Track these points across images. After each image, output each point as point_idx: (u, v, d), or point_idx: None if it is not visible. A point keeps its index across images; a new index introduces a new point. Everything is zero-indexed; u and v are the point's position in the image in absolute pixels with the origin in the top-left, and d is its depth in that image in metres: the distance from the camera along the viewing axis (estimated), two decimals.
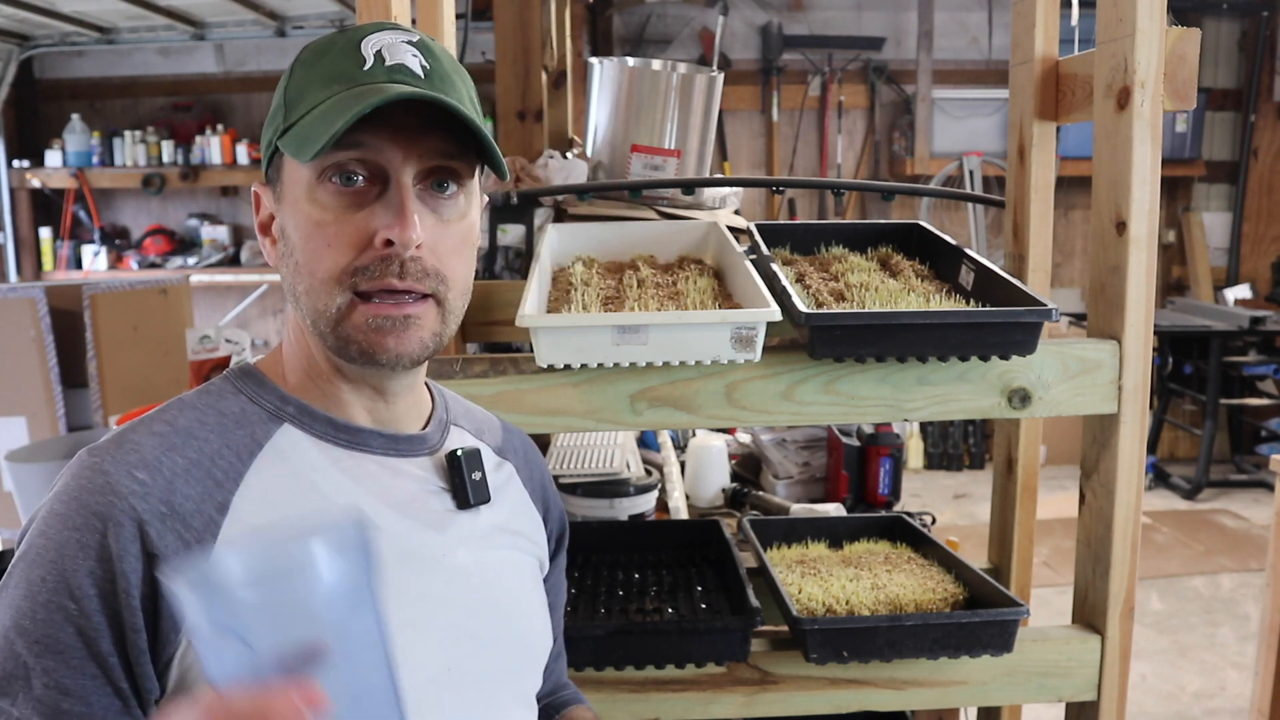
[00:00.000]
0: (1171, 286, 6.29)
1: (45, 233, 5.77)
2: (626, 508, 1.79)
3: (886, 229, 1.54)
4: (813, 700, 1.29)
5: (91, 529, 0.69)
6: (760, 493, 2.08)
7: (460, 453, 0.86)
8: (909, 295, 1.26)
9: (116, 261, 5.72)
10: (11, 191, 5.68)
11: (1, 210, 5.67)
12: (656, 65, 2.00)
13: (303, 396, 0.82)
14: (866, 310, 1.19)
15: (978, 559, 1.54)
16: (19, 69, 5.33)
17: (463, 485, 0.85)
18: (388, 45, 0.77)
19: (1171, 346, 5.45)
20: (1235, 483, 5.58)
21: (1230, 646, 3.61)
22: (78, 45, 5.31)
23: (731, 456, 2.29)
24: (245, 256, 5.73)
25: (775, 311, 1.13)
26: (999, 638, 1.21)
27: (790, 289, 1.21)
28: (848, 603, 1.26)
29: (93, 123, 5.68)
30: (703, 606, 1.39)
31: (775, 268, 1.29)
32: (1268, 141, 6.19)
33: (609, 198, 1.95)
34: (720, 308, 1.22)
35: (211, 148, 5.52)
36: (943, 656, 1.23)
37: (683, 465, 2.20)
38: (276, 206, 0.80)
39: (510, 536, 0.91)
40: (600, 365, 1.16)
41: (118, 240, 5.83)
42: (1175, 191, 6.19)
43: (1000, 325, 1.16)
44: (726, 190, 2.05)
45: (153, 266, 5.67)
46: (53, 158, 5.59)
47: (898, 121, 6.07)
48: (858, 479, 2.06)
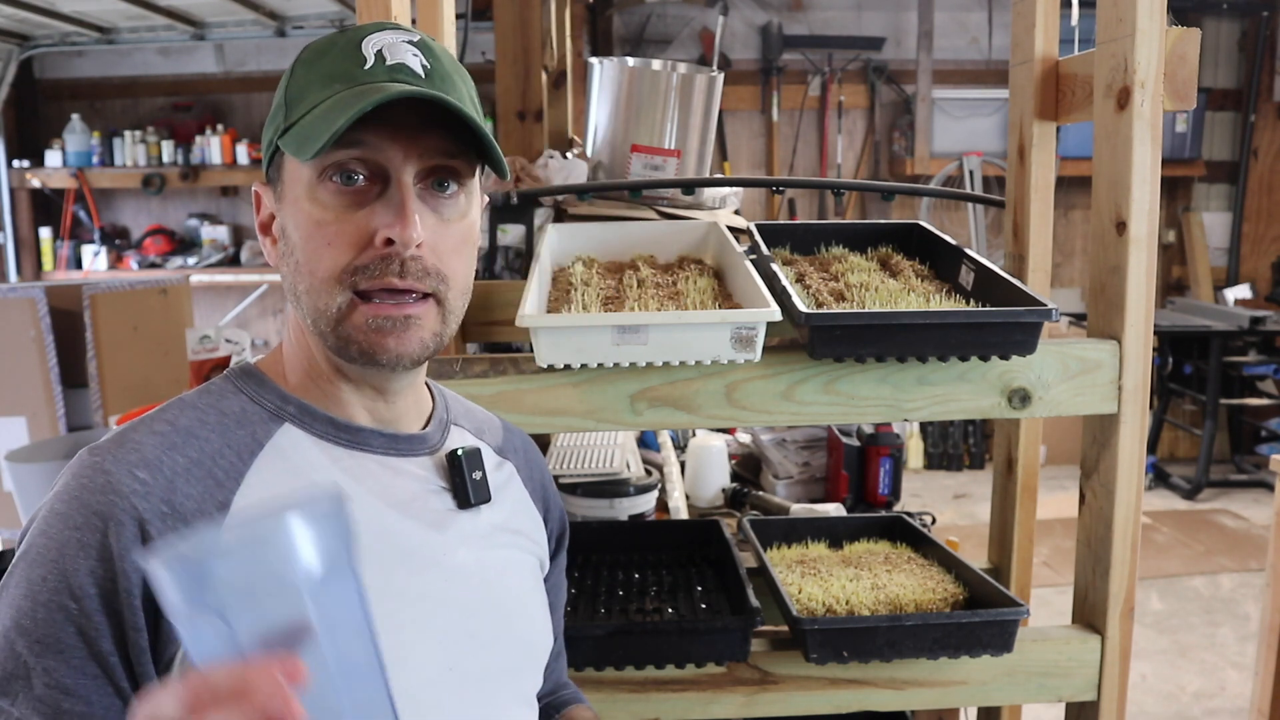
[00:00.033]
0: (1171, 286, 6.29)
1: (45, 233, 5.77)
2: (626, 508, 1.79)
3: (886, 229, 1.54)
4: (813, 700, 1.29)
5: (93, 528, 0.69)
6: (760, 493, 2.08)
7: (461, 452, 0.86)
8: (909, 295, 1.26)
9: (116, 261, 5.72)
10: (11, 191, 5.68)
11: (1, 210, 5.67)
12: (656, 65, 2.00)
13: (303, 396, 0.82)
14: (866, 310, 1.19)
15: (978, 559, 1.54)
16: (19, 69, 5.33)
17: (463, 485, 0.85)
18: (388, 45, 0.77)
19: (1171, 346, 5.45)
20: (1235, 483, 5.58)
21: (1230, 646, 3.61)
22: (78, 45, 5.31)
23: (731, 456, 2.29)
24: (245, 256, 5.73)
25: (775, 311, 1.13)
26: (999, 638, 1.21)
27: (790, 289, 1.21)
28: (848, 603, 1.26)
29: (93, 123, 5.68)
30: (703, 606, 1.39)
31: (775, 268, 1.29)
32: (1268, 141, 6.19)
33: (609, 198, 1.95)
34: (720, 308, 1.22)
35: (211, 148, 5.52)
36: (943, 656, 1.23)
37: (683, 465, 2.19)
38: (277, 206, 0.80)
39: (511, 536, 0.91)
40: (600, 365, 1.16)
41: (118, 240, 5.83)
42: (1175, 191, 6.19)
43: (1000, 325, 1.16)
44: (726, 190, 2.05)
45: (153, 266, 5.67)
46: (53, 158, 5.60)
47: (898, 121, 6.07)
48: (858, 479, 2.07)
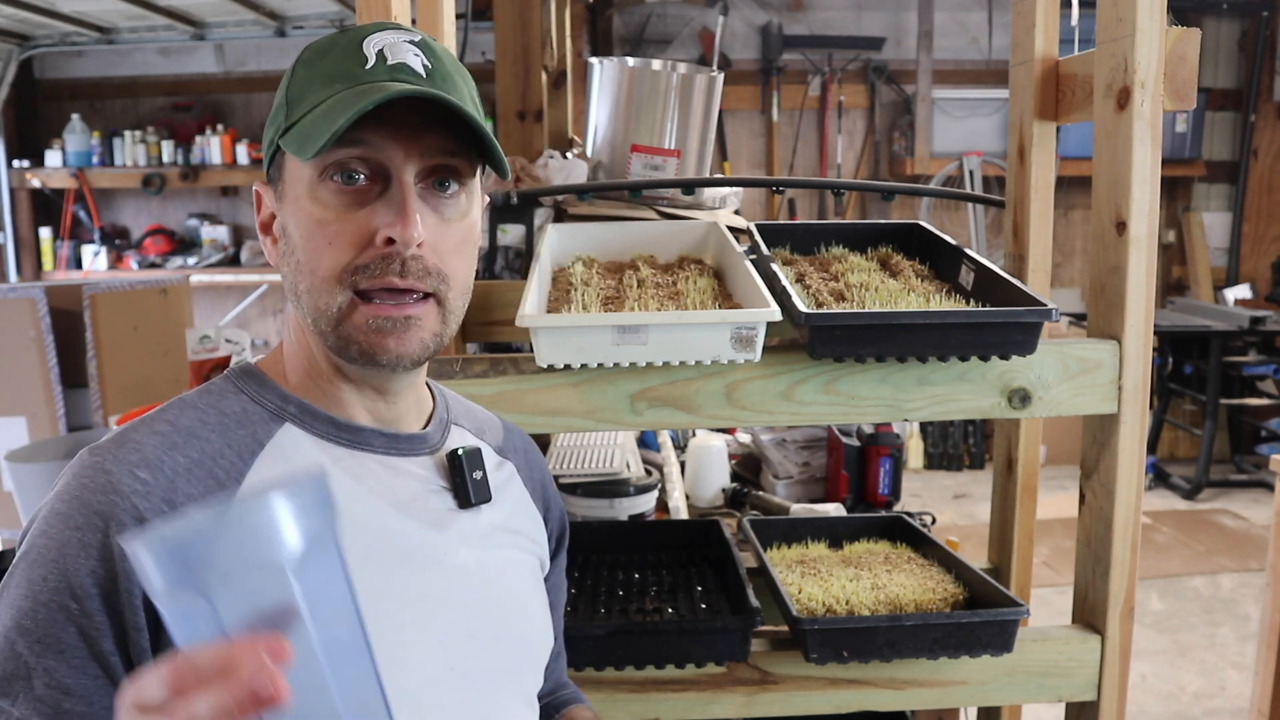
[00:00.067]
0: (1171, 286, 6.29)
1: (45, 233, 5.77)
2: (626, 508, 1.79)
3: (886, 229, 1.54)
4: (813, 700, 1.29)
5: (93, 528, 0.69)
6: (760, 493, 2.08)
7: (461, 452, 0.86)
8: (909, 295, 1.26)
9: (116, 261, 5.72)
10: (11, 191, 5.68)
11: (1, 210, 5.67)
12: (656, 65, 2.00)
13: (304, 396, 0.82)
14: (866, 310, 1.19)
15: (978, 559, 1.54)
16: (19, 69, 5.33)
17: (464, 484, 0.85)
18: (390, 45, 0.77)
19: (1171, 346, 5.45)
20: (1235, 483, 5.58)
21: (1230, 646, 3.61)
22: (78, 45, 5.31)
23: (731, 456, 2.29)
24: (245, 256, 5.73)
25: (775, 311, 1.13)
26: (999, 638, 1.21)
27: (790, 289, 1.21)
28: (848, 603, 1.26)
29: (93, 123, 5.68)
30: (703, 606, 1.39)
31: (775, 268, 1.29)
32: (1268, 141, 6.19)
33: (609, 198, 1.95)
34: (720, 308, 1.22)
35: (211, 148, 5.52)
36: (943, 656, 1.23)
37: (683, 465, 2.20)
38: (278, 205, 0.80)
39: (511, 536, 0.91)
40: (600, 365, 1.16)
41: (118, 240, 5.83)
42: (1175, 191, 6.19)
43: (1000, 325, 1.16)
44: (726, 190, 2.05)
45: (153, 266, 5.67)
46: (53, 158, 5.60)
47: (898, 121, 6.07)
48: (858, 479, 2.07)
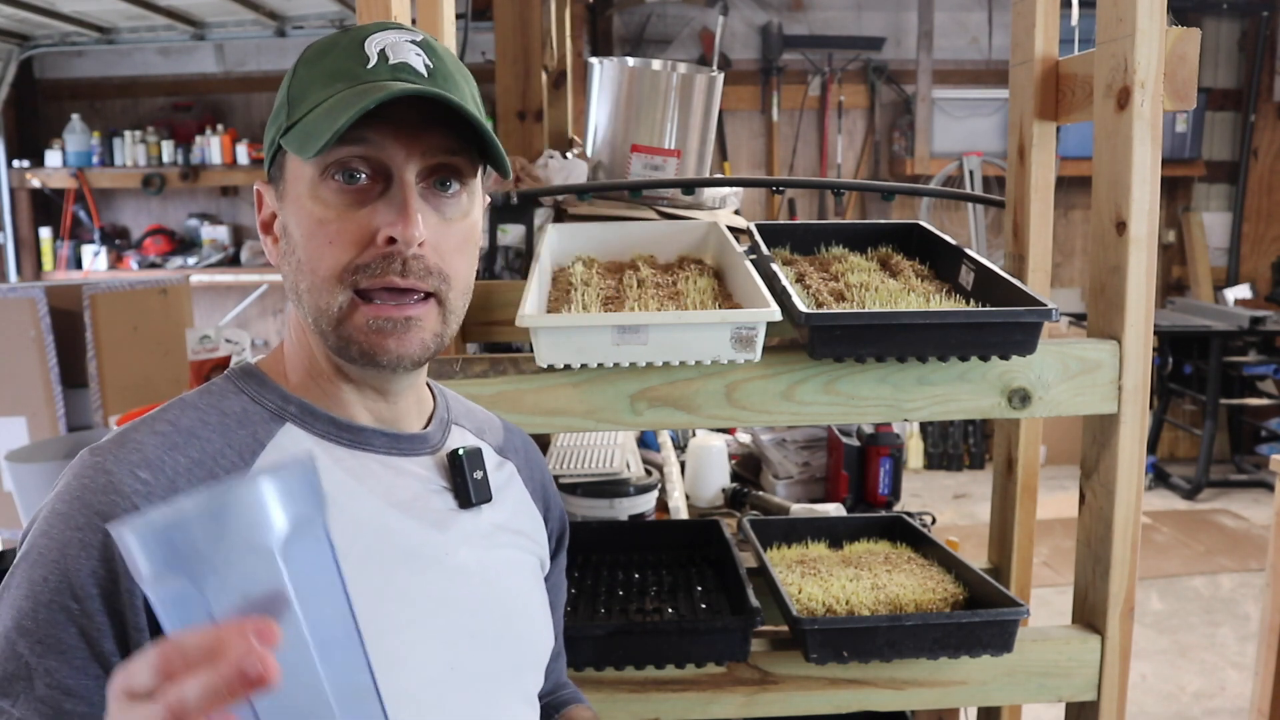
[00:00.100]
0: (1171, 286, 6.29)
1: (45, 233, 5.77)
2: (626, 508, 1.79)
3: (886, 229, 1.54)
4: (813, 700, 1.29)
5: (94, 528, 0.69)
6: (760, 493, 2.08)
7: (462, 452, 0.86)
8: (909, 295, 1.26)
9: (116, 261, 5.72)
10: (11, 191, 5.68)
11: (1, 210, 5.67)
12: (656, 65, 2.00)
13: (304, 396, 0.82)
14: (866, 310, 1.19)
15: (978, 559, 1.54)
16: (19, 69, 5.33)
17: (464, 484, 0.85)
18: (391, 44, 0.77)
19: (1171, 346, 5.45)
20: (1235, 483, 5.58)
21: (1230, 646, 3.61)
22: (78, 45, 5.31)
23: (731, 456, 2.29)
24: (245, 256, 5.73)
25: (775, 311, 1.13)
26: (999, 638, 1.21)
27: (790, 289, 1.21)
28: (848, 603, 1.26)
29: (93, 123, 5.68)
30: (703, 606, 1.39)
31: (775, 268, 1.29)
32: (1268, 141, 6.19)
33: (609, 198, 1.95)
34: (720, 308, 1.22)
35: (211, 148, 5.52)
36: (943, 656, 1.23)
37: (683, 465, 2.20)
38: (279, 205, 0.80)
39: (512, 535, 0.91)
40: (600, 365, 1.16)
41: (118, 240, 5.83)
42: (1175, 191, 6.19)
43: (1000, 325, 1.16)
44: (726, 190, 2.05)
45: (153, 266, 5.67)
46: (53, 158, 5.60)
47: (898, 121, 6.07)
48: (858, 479, 2.07)
